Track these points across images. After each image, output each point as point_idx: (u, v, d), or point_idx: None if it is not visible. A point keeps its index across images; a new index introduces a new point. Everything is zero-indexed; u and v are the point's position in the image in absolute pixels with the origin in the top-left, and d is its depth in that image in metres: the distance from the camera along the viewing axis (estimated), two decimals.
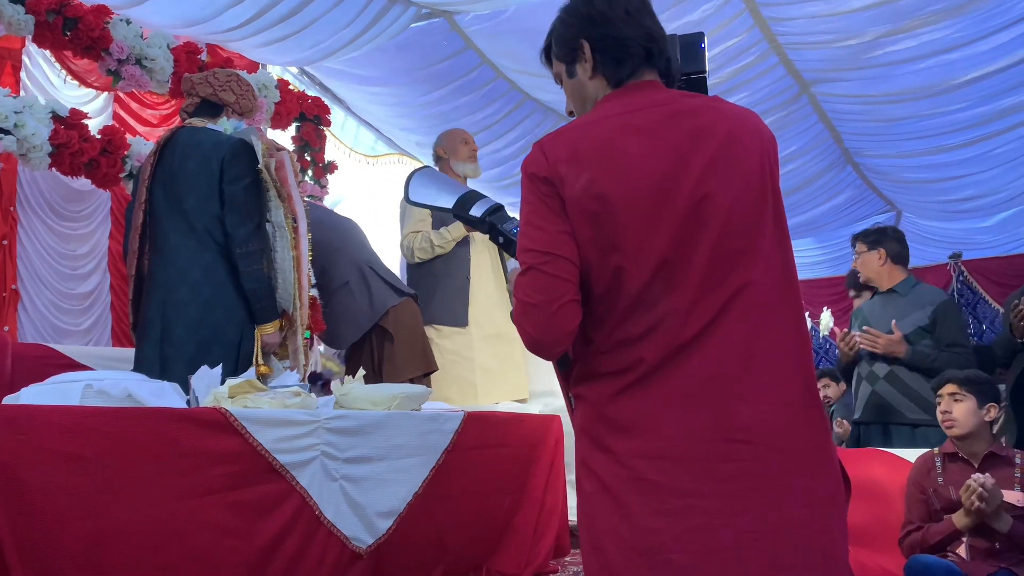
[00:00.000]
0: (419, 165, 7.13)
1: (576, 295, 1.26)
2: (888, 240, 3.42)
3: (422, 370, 3.60)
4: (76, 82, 4.48)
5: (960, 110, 5.59)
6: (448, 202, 1.54)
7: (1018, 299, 3.39)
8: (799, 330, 1.31)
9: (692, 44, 1.66)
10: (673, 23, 4.44)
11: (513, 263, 4.76)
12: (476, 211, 1.51)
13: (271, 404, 2.19)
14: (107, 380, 2.08)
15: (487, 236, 4.27)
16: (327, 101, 5.51)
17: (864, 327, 3.26)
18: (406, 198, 1.62)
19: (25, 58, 4.34)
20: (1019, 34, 4.47)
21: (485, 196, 1.54)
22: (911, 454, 2.88)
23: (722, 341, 1.23)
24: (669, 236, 1.24)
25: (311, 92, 5.52)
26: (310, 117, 5.18)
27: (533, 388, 4.36)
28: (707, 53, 1.69)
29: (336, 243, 3.73)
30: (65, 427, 1.65)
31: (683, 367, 1.23)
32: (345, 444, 2.30)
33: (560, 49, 1.42)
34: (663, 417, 1.23)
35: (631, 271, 1.24)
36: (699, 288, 1.24)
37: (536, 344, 1.27)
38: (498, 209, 1.52)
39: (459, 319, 3.88)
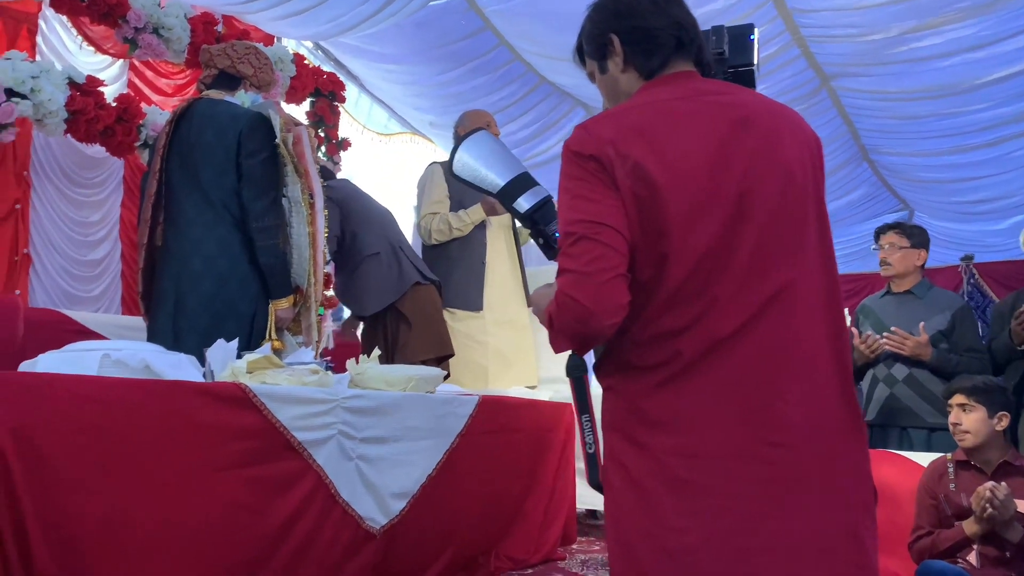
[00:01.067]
0: (431, 143, 7.14)
1: (627, 270, 1.21)
2: (928, 243, 3.39)
3: (436, 353, 3.59)
4: (92, 48, 4.44)
5: (981, 110, 5.53)
6: (494, 185, 1.43)
7: (1012, 306, 3.37)
8: (839, 333, 1.27)
9: (741, 36, 1.62)
10: (694, 12, 4.37)
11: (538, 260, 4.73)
12: (524, 203, 1.40)
13: (289, 381, 2.17)
14: (125, 350, 2.06)
15: (506, 220, 4.25)
16: (341, 77, 5.47)
17: (892, 328, 3.22)
18: (449, 167, 1.49)
19: (41, 22, 4.29)
20: None
21: (536, 183, 1.44)
22: (923, 458, 2.86)
23: (762, 339, 1.21)
24: (714, 228, 1.21)
25: (325, 67, 5.47)
26: (325, 93, 5.15)
27: (542, 375, 4.35)
28: (756, 46, 1.64)
29: (372, 215, 3.73)
30: (86, 397, 1.63)
31: (722, 363, 1.20)
32: (362, 424, 2.28)
33: (590, 46, 1.41)
34: (699, 414, 1.20)
35: (674, 261, 1.20)
36: (740, 284, 1.21)
37: (587, 316, 1.18)
38: (545, 203, 1.42)
39: (474, 303, 3.87)
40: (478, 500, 2.78)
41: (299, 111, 5.07)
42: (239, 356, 2.30)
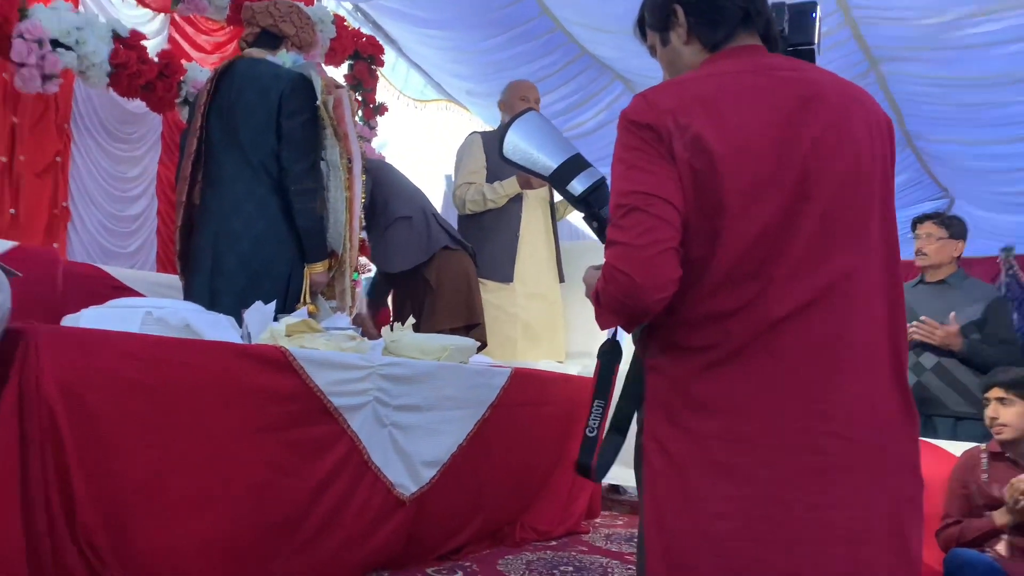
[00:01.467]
0: (466, 111, 7.08)
1: (679, 244, 1.16)
2: (966, 233, 3.32)
3: (463, 322, 3.58)
4: (134, 1, 4.43)
5: None
6: (546, 167, 1.37)
7: None
8: (898, 324, 1.23)
9: (803, 13, 1.56)
10: None
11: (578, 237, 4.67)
12: (577, 186, 1.35)
13: (326, 346, 2.18)
14: (166, 308, 2.08)
15: (543, 194, 4.22)
16: (379, 40, 5.42)
17: (922, 317, 3.18)
18: (499, 150, 1.46)
19: None
20: None
21: (590, 165, 1.39)
22: (954, 446, 2.84)
23: (816, 326, 1.16)
24: (775, 207, 1.16)
25: (364, 30, 5.42)
26: (364, 56, 5.10)
27: (570, 349, 4.34)
28: (818, 24, 1.58)
29: (406, 186, 3.73)
30: (133, 354, 1.64)
31: (773, 349, 1.15)
32: (397, 391, 2.29)
33: (653, 17, 1.36)
34: (749, 399, 1.16)
35: (730, 238, 1.16)
36: (797, 267, 1.16)
37: (635, 289, 1.14)
38: (599, 186, 1.37)
39: (505, 275, 3.86)
40: (507, 471, 2.79)
41: (337, 73, 5.04)
42: (276, 319, 2.31)
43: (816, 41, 1.60)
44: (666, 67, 1.38)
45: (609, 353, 1.43)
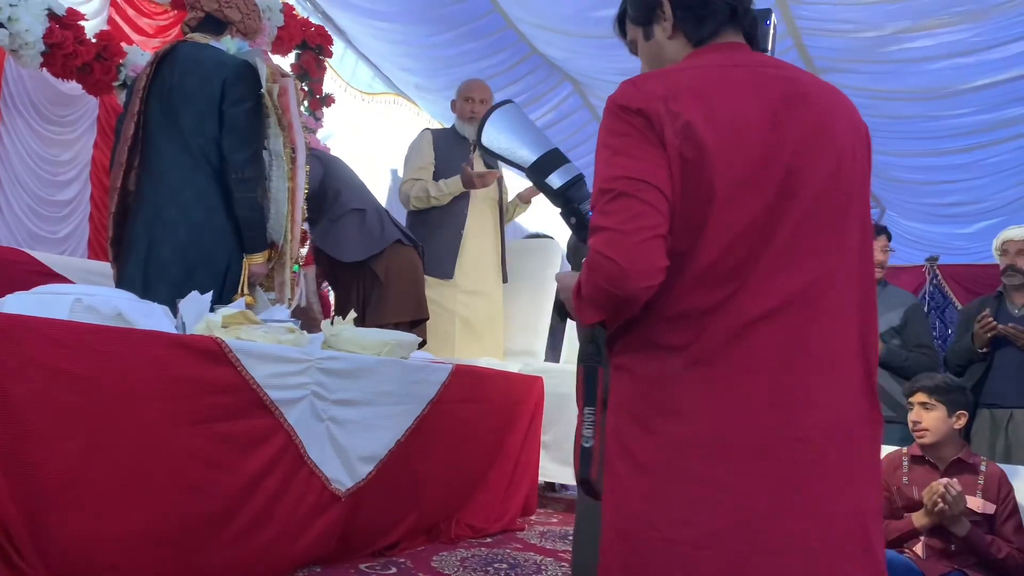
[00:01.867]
0: (414, 105, 7.04)
1: (667, 233, 1.12)
2: (889, 239, 3.45)
3: (410, 317, 3.57)
4: None
5: (963, 115, 5.59)
6: (525, 159, 1.35)
7: (978, 310, 3.46)
8: (869, 328, 1.22)
9: (758, 21, 1.60)
10: None
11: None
12: (556, 180, 1.33)
13: (264, 338, 2.15)
14: (97, 296, 2.02)
15: (492, 194, 4.23)
16: (328, 31, 5.35)
17: None
18: (478, 139, 1.43)
19: None
20: None
21: (568, 160, 1.36)
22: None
23: (791, 330, 1.14)
24: (759, 204, 1.13)
25: (313, 20, 5.35)
26: (312, 46, 5.03)
27: (511, 347, 4.36)
28: (773, 32, 1.60)
29: (357, 181, 3.70)
30: (60, 341, 1.59)
31: (748, 351, 1.13)
32: (335, 386, 2.27)
33: (636, 11, 1.34)
34: (718, 402, 1.13)
35: (712, 233, 1.13)
36: (775, 267, 1.14)
37: (622, 276, 1.09)
38: (577, 182, 1.35)
39: (445, 271, 3.87)
40: (444, 468, 2.79)
41: (284, 63, 4.95)
42: (212, 309, 2.27)
43: (771, 49, 1.62)
44: (647, 62, 1.36)
45: (592, 357, 1.39)
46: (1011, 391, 3.40)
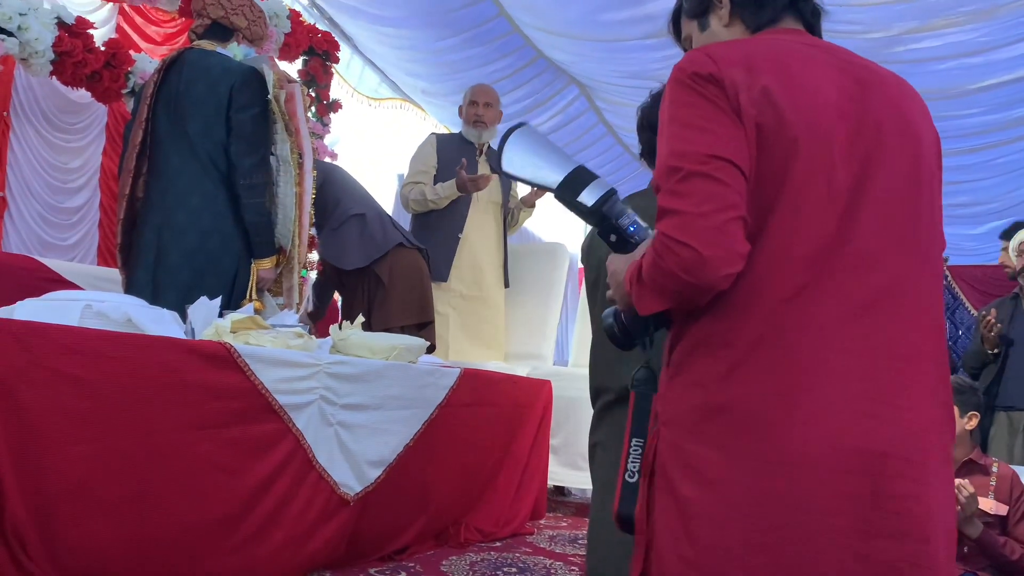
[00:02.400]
0: (420, 110, 7.05)
1: (747, 213, 1.02)
2: None
3: (415, 320, 3.58)
4: None
5: (970, 116, 5.57)
6: (552, 179, 1.26)
7: (987, 312, 3.45)
8: (942, 333, 1.12)
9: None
10: None
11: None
12: (587, 198, 1.24)
13: (273, 343, 2.15)
14: (107, 302, 2.03)
15: (496, 198, 4.23)
16: (335, 37, 5.37)
17: None
18: (498, 166, 1.34)
19: None
20: None
21: (596, 176, 1.27)
22: None
23: (871, 335, 1.03)
24: (838, 185, 1.04)
25: (320, 26, 5.37)
26: (319, 52, 5.04)
27: (516, 351, 4.36)
28: None
29: (357, 186, 3.71)
30: (70, 348, 1.60)
31: (829, 350, 1.01)
32: (344, 390, 2.27)
33: (692, 3, 1.27)
34: (798, 411, 1.00)
35: (788, 212, 1.03)
36: (857, 261, 1.03)
37: (699, 263, 0.98)
38: (611, 197, 1.25)
39: (440, 274, 3.88)
40: (453, 472, 2.79)
41: (291, 69, 4.97)
42: (221, 315, 2.28)
43: None
44: None
45: (645, 383, 1.26)
46: None
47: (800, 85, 1.05)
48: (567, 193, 1.25)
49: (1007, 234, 3.78)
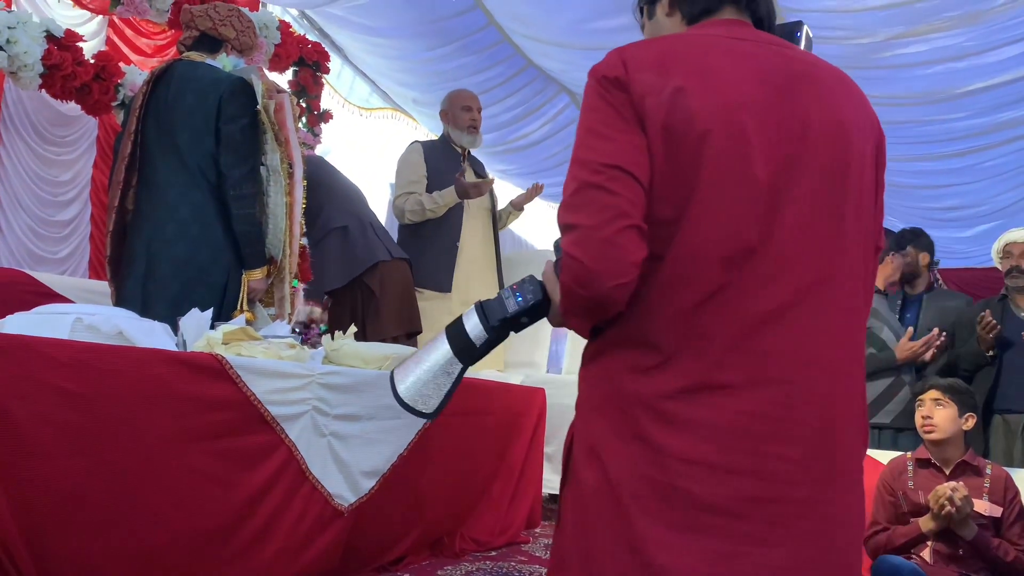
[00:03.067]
0: (412, 120, 7.05)
1: (642, 221, 1.00)
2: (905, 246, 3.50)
3: (405, 330, 3.57)
4: (70, 2, 4.31)
5: (958, 119, 5.61)
6: (447, 356, 1.16)
7: (982, 313, 3.46)
8: (856, 347, 1.11)
9: (788, 34, 1.51)
10: None
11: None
12: (477, 331, 1.16)
13: (265, 354, 2.15)
14: (97, 315, 2.02)
15: (486, 203, 4.22)
16: (325, 47, 5.38)
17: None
18: (423, 416, 1.20)
19: None
20: None
21: (456, 322, 1.20)
22: (884, 455, 2.93)
23: (793, 334, 1.02)
24: (757, 184, 1.01)
25: (310, 37, 5.37)
26: (309, 62, 5.05)
27: (510, 359, 4.36)
28: (803, 44, 1.52)
29: (341, 191, 3.68)
30: (60, 361, 1.59)
31: (748, 354, 1.01)
32: (337, 400, 2.27)
33: None
34: (710, 413, 1.00)
35: (702, 214, 1.01)
36: (777, 260, 1.02)
37: (589, 276, 0.98)
38: (481, 309, 1.18)
39: (443, 284, 3.86)
40: (447, 481, 2.78)
41: (281, 80, 4.98)
42: (212, 326, 2.27)
43: None
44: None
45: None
46: (1023, 395, 3.40)
47: (717, 83, 1.03)
48: (467, 350, 1.17)
49: None
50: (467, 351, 1.17)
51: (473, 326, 1.18)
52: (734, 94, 1.03)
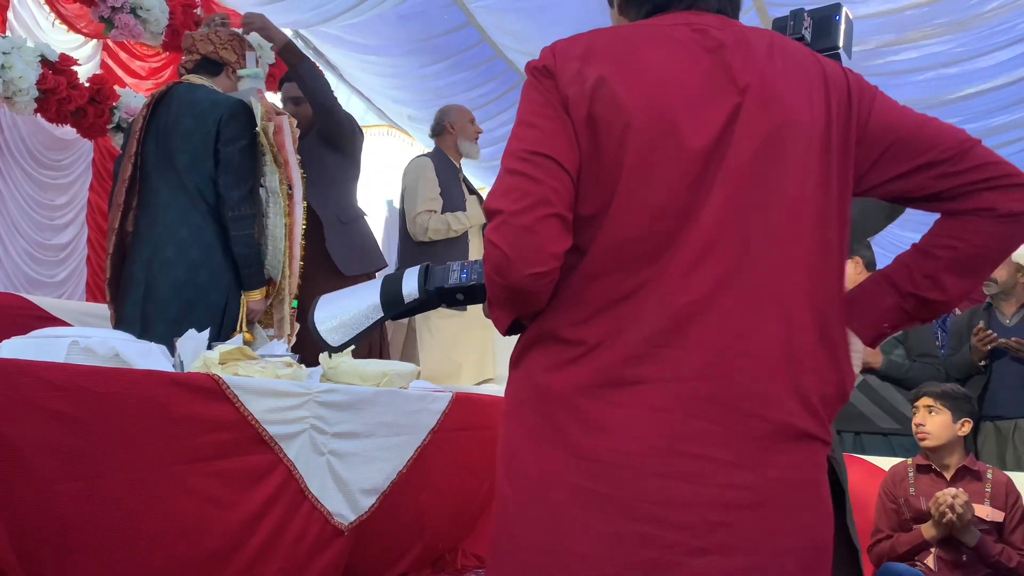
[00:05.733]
0: (408, 136, 7.08)
1: (566, 210, 0.99)
2: (863, 248, 3.45)
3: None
4: (65, 27, 4.34)
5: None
6: (374, 304, 1.17)
7: (968, 322, 3.47)
8: (830, 326, 1.06)
9: (827, 18, 1.42)
10: None
11: None
12: (411, 291, 1.16)
13: (262, 373, 2.14)
14: (94, 338, 2.02)
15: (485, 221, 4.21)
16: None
17: None
18: (325, 346, 1.23)
19: None
20: (1019, 53, 4.53)
21: (397, 272, 1.20)
22: (886, 462, 2.93)
23: (721, 322, 0.98)
24: (684, 167, 0.99)
25: None
26: None
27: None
28: (843, 27, 1.41)
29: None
30: (56, 384, 1.59)
31: (673, 350, 0.98)
32: (335, 418, 2.26)
33: None
34: (633, 411, 0.97)
35: (627, 204, 0.99)
36: (704, 246, 0.99)
37: (506, 264, 0.96)
38: (426, 271, 1.19)
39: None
40: (447, 497, 2.77)
41: (277, 100, 5.00)
42: (210, 347, 2.27)
43: (841, 44, 1.46)
44: None
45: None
46: (1014, 401, 3.41)
47: (643, 70, 1.02)
48: (394, 303, 1.18)
49: None
50: (393, 304, 1.17)
51: (409, 283, 1.18)
52: (660, 80, 1.02)
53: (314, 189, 3.29)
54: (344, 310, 1.19)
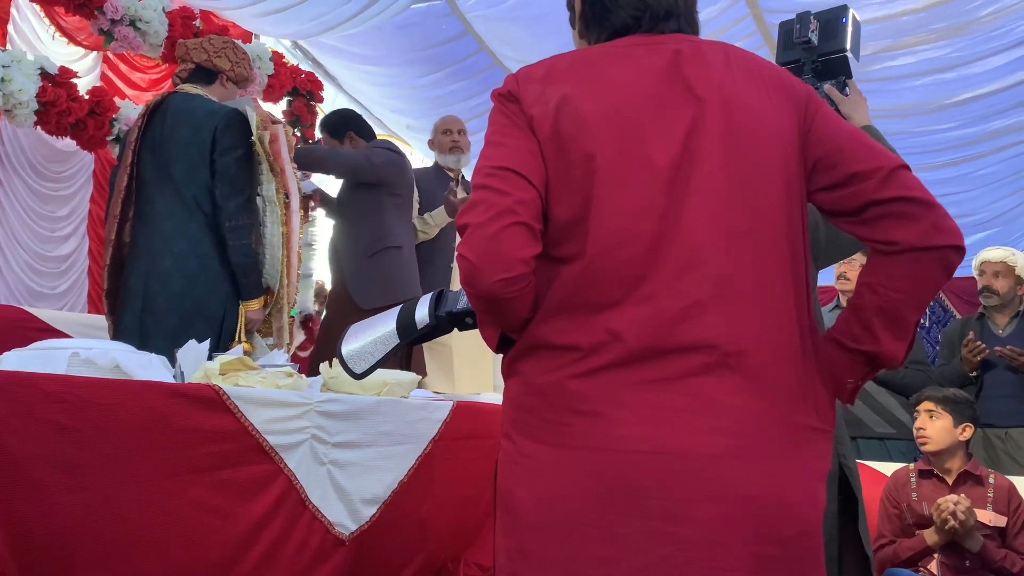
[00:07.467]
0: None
1: (532, 220, 1.02)
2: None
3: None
4: (65, 39, 4.36)
5: (948, 130, 5.66)
6: (390, 331, 1.25)
7: (960, 332, 3.48)
8: (787, 325, 1.09)
9: (833, 20, 1.44)
10: None
11: None
12: (424, 317, 1.23)
13: (262, 383, 2.14)
14: (94, 349, 2.02)
15: None
16: (318, 77, 5.43)
17: None
18: (350, 374, 1.33)
19: (13, 11, 4.20)
20: (1015, 57, 4.54)
21: (412, 301, 1.26)
22: (882, 467, 2.93)
23: (711, 326, 1.01)
24: (651, 180, 1.02)
25: (303, 67, 5.43)
26: (303, 92, 5.10)
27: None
28: (851, 29, 1.43)
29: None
30: (57, 396, 1.59)
31: (661, 359, 1.00)
32: (335, 428, 2.26)
33: (568, 11, 1.29)
34: (616, 408, 1.00)
35: (607, 212, 1.02)
36: (685, 255, 1.02)
37: (474, 273, 1.00)
38: (440, 296, 1.25)
39: None
40: (449, 506, 2.76)
41: (276, 110, 5.02)
42: (210, 358, 2.27)
43: (848, 46, 1.48)
44: None
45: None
46: (1004, 410, 3.42)
47: (607, 85, 1.06)
48: (408, 329, 1.25)
49: None
50: (407, 331, 1.25)
51: (421, 310, 1.25)
52: (621, 92, 1.06)
53: (345, 224, 3.52)
54: (365, 339, 1.30)
